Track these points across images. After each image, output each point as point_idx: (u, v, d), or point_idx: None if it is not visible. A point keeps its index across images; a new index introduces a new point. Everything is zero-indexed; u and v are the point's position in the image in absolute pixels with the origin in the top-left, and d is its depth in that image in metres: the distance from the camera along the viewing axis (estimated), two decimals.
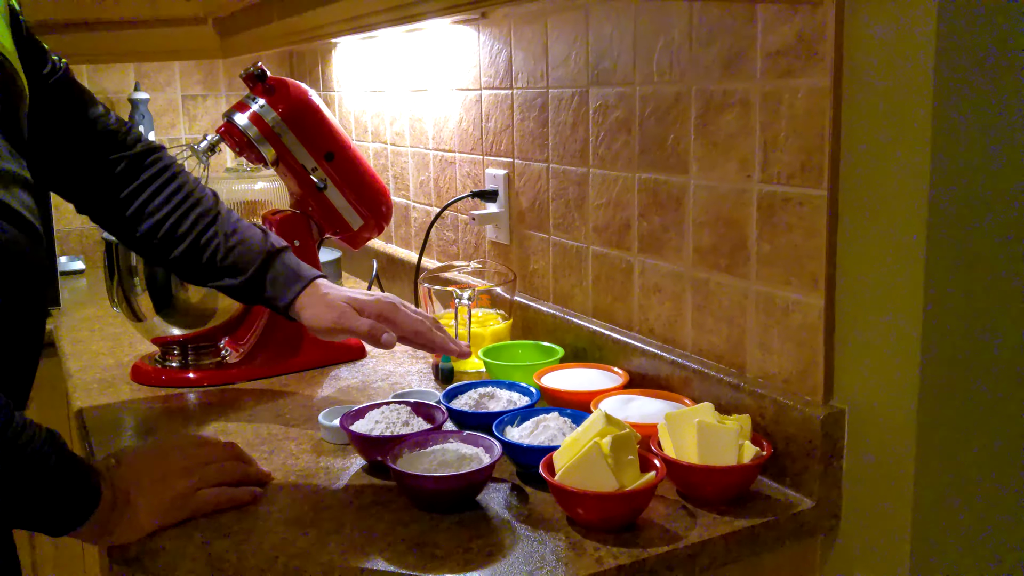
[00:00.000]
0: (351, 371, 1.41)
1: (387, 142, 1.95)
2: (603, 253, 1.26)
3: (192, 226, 1.08)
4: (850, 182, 0.89)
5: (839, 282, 0.92)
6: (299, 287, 1.08)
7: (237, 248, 1.08)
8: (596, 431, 0.89)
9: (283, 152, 1.39)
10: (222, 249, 1.08)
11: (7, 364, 0.83)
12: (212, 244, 1.08)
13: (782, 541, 0.92)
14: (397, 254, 1.92)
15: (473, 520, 0.90)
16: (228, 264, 1.08)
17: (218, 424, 1.19)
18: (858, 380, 0.92)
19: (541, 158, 1.37)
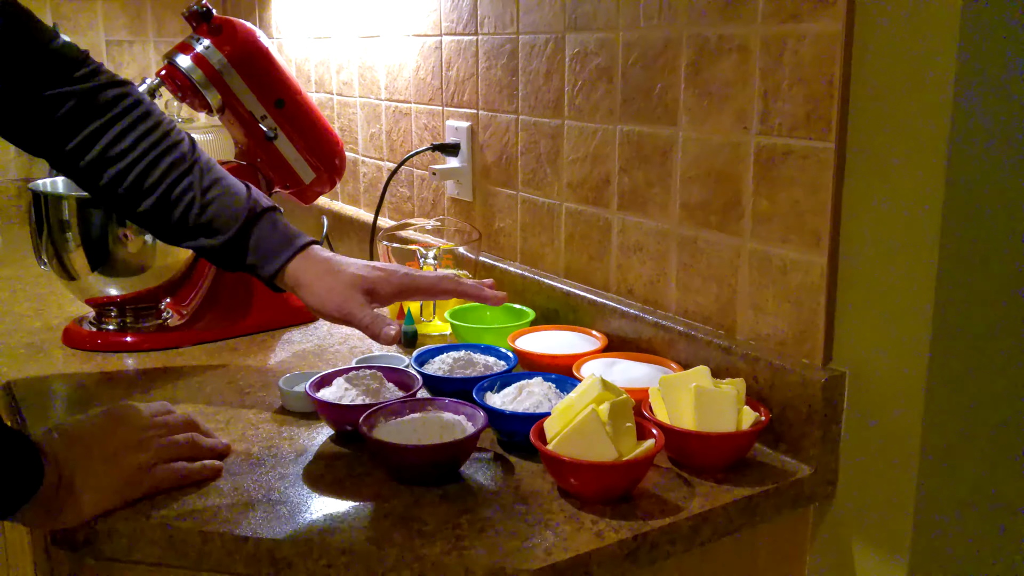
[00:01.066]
0: (304, 334, 1.32)
1: (332, 92, 1.84)
2: (578, 210, 1.20)
3: (162, 176, 0.94)
4: (859, 134, 0.85)
5: (843, 240, 0.88)
6: (288, 254, 0.95)
7: (215, 204, 0.95)
8: (592, 397, 0.83)
9: (230, 98, 1.28)
10: (197, 204, 0.95)
11: None
12: (186, 198, 0.95)
13: (780, 510, 0.88)
14: (345, 211, 1.83)
15: (458, 493, 0.84)
16: (204, 222, 0.95)
17: (165, 392, 1.09)
18: (860, 342, 0.88)
19: (509, 109, 1.30)
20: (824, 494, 0.91)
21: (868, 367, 0.88)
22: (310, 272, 0.94)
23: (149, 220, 0.97)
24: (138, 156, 0.94)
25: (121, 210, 0.98)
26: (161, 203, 0.95)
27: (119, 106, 0.96)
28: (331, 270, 0.94)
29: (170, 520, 0.79)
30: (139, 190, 0.95)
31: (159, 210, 0.95)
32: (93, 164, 0.94)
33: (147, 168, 0.94)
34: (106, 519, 0.79)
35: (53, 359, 1.21)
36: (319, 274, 0.94)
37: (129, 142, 0.95)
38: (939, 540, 0.88)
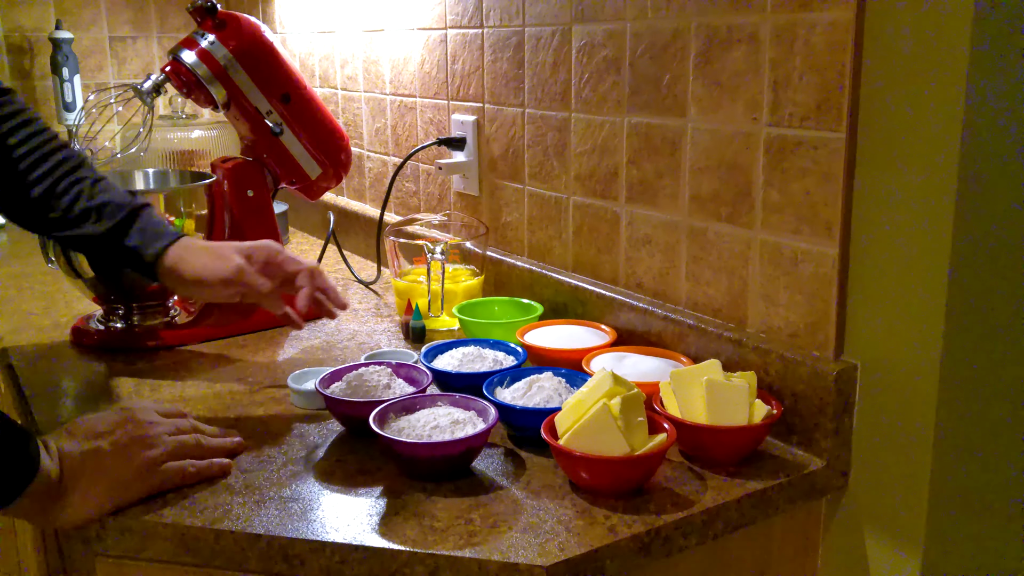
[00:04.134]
0: (312, 331, 1.32)
1: (337, 87, 1.84)
2: (586, 203, 1.19)
3: (52, 169, 0.98)
4: (871, 124, 0.84)
5: (855, 231, 0.87)
6: (169, 238, 1.00)
7: (103, 194, 0.99)
8: (603, 392, 0.82)
9: (235, 93, 1.28)
10: (86, 195, 0.98)
11: None
12: (74, 189, 0.98)
13: (794, 502, 0.87)
14: (350, 207, 1.82)
15: (470, 488, 0.83)
16: (92, 207, 0.98)
17: (175, 390, 1.09)
18: (873, 334, 0.87)
19: (516, 102, 1.29)
20: (837, 486, 0.91)
21: (881, 359, 0.87)
22: (190, 250, 1.00)
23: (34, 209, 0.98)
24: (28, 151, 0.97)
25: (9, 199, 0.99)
26: (49, 193, 0.97)
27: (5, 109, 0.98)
28: (209, 246, 1.02)
29: (182, 518, 0.78)
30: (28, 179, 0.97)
31: (46, 199, 0.98)
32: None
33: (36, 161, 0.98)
34: (117, 517, 0.79)
35: (61, 357, 1.21)
36: (199, 250, 1.01)
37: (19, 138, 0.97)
38: (953, 532, 0.88)
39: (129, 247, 0.99)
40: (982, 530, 0.91)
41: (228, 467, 0.86)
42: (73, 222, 0.98)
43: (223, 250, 1.01)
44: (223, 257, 1.00)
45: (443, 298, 1.25)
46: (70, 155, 1.00)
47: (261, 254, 1.03)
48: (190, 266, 0.99)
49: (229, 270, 1.00)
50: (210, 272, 0.99)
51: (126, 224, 0.99)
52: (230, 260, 1.00)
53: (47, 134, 1.00)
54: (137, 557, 0.79)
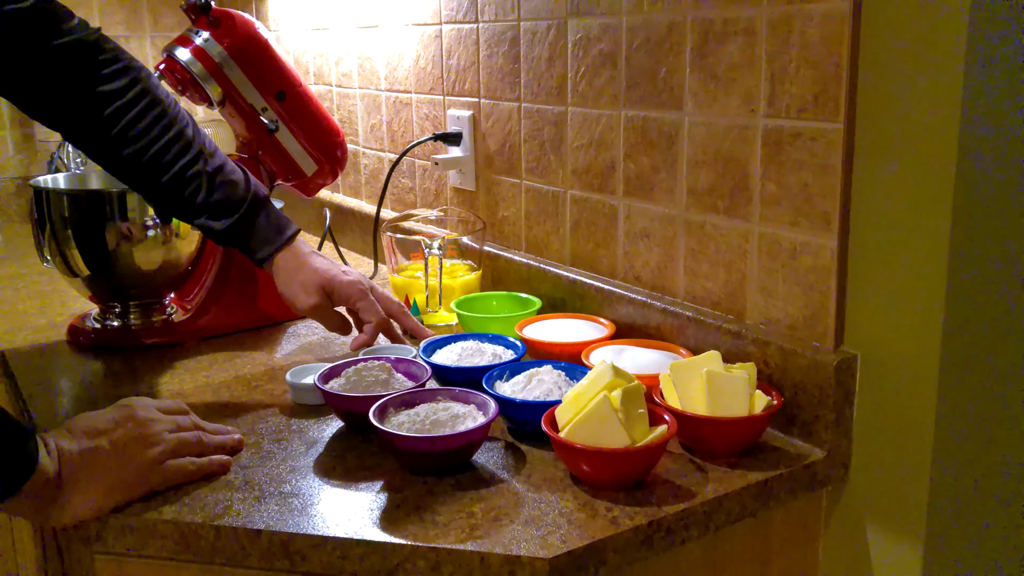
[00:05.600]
0: (309, 327, 1.32)
1: (332, 84, 1.83)
2: (584, 197, 1.19)
3: (174, 160, 1.03)
4: (869, 115, 0.84)
5: (854, 222, 0.87)
6: (278, 244, 1.08)
7: (220, 190, 1.05)
8: (603, 384, 0.82)
9: (230, 90, 1.27)
10: (204, 187, 1.05)
11: None
12: (194, 182, 1.04)
13: (795, 494, 0.87)
14: (346, 203, 1.82)
15: (471, 482, 0.83)
16: (211, 203, 1.05)
17: (172, 387, 1.09)
18: (872, 325, 0.87)
19: (512, 97, 1.29)
20: (837, 477, 0.91)
21: (880, 350, 0.87)
22: (289, 263, 1.08)
23: (160, 198, 1.06)
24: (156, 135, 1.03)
25: (136, 186, 1.07)
26: (173, 184, 1.04)
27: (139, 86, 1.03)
28: (305, 265, 1.08)
29: (182, 515, 0.78)
30: (153, 170, 1.03)
31: (171, 190, 1.04)
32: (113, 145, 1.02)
33: (160, 151, 1.03)
34: (116, 514, 0.78)
35: (58, 357, 1.21)
36: (295, 268, 1.08)
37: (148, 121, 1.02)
38: (954, 523, 0.88)
39: (243, 246, 1.08)
40: (984, 521, 0.91)
41: (228, 464, 0.86)
42: (192, 214, 1.06)
43: (309, 281, 1.07)
44: (305, 289, 1.07)
45: (441, 293, 1.25)
46: (189, 143, 1.04)
47: (342, 297, 1.09)
48: (280, 282, 1.09)
49: (303, 307, 1.08)
50: (290, 298, 1.09)
51: (241, 224, 1.06)
52: (309, 297, 1.07)
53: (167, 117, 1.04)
54: (138, 555, 0.79)
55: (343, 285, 1.08)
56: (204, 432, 0.88)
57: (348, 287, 1.08)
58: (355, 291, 1.08)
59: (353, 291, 1.08)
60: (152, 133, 1.02)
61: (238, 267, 1.30)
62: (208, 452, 0.86)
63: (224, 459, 0.86)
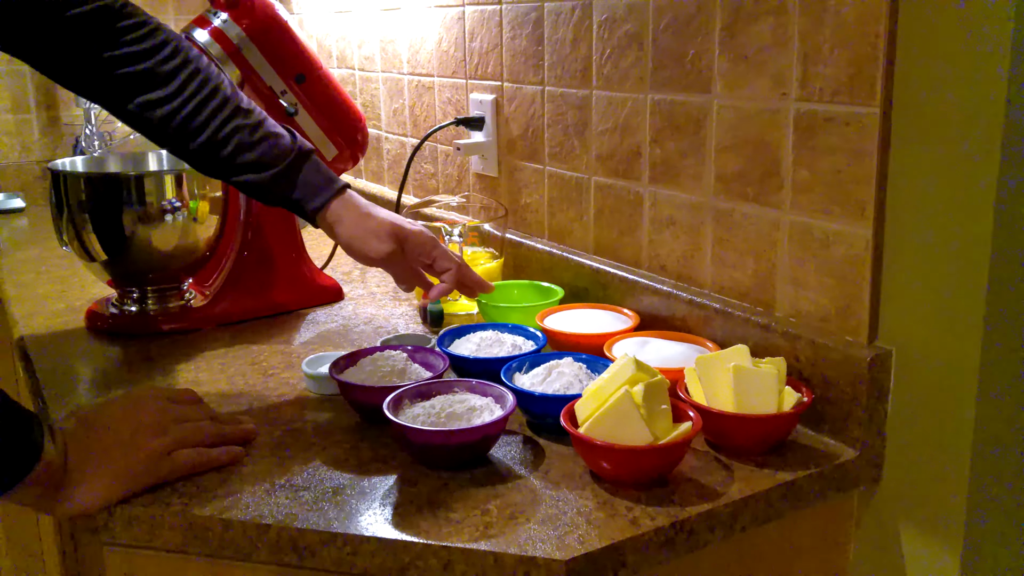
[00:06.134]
0: (328, 314, 1.30)
1: (354, 67, 1.81)
2: (608, 184, 1.16)
3: (209, 118, 0.98)
4: (907, 98, 0.80)
5: (890, 210, 0.83)
6: (331, 191, 1.01)
7: (263, 144, 0.99)
8: (625, 378, 0.79)
9: (249, 73, 1.25)
10: (246, 143, 0.99)
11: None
12: (234, 139, 0.99)
13: (824, 495, 0.84)
14: (368, 189, 1.80)
15: (487, 477, 0.81)
16: (252, 160, 0.99)
17: (188, 375, 1.07)
18: (908, 319, 0.84)
19: (535, 80, 1.25)
20: (870, 477, 0.87)
21: (917, 345, 0.83)
22: (351, 211, 1.00)
23: (198, 158, 1.01)
24: (185, 100, 0.98)
25: (173, 148, 1.02)
26: (210, 143, 0.99)
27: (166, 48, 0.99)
28: (370, 213, 1.01)
29: (190, 507, 0.76)
30: (187, 131, 0.98)
31: (208, 149, 0.99)
32: (142, 108, 0.98)
33: (194, 111, 0.98)
34: (123, 506, 0.77)
35: (75, 342, 1.20)
36: (360, 216, 1.00)
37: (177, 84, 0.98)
38: (992, 527, 0.84)
39: (291, 199, 1.01)
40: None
41: (239, 455, 0.84)
42: (235, 171, 1.00)
43: (380, 227, 1.00)
44: (377, 236, 1.00)
45: None
46: (226, 99, 1.00)
47: (416, 246, 1.02)
48: (345, 231, 1.00)
49: (379, 253, 1.00)
50: (360, 246, 1.01)
51: (287, 175, 1.00)
52: (383, 244, 1.00)
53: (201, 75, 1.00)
54: (146, 546, 0.77)
55: (415, 233, 1.02)
56: (215, 422, 0.86)
57: (421, 235, 1.02)
58: (428, 239, 1.03)
59: (426, 239, 1.03)
60: (186, 92, 0.98)
61: (257, 252, 1.29)
62: (219, 442, 0.84)
63: (235, 450, 0.84)
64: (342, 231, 1.00)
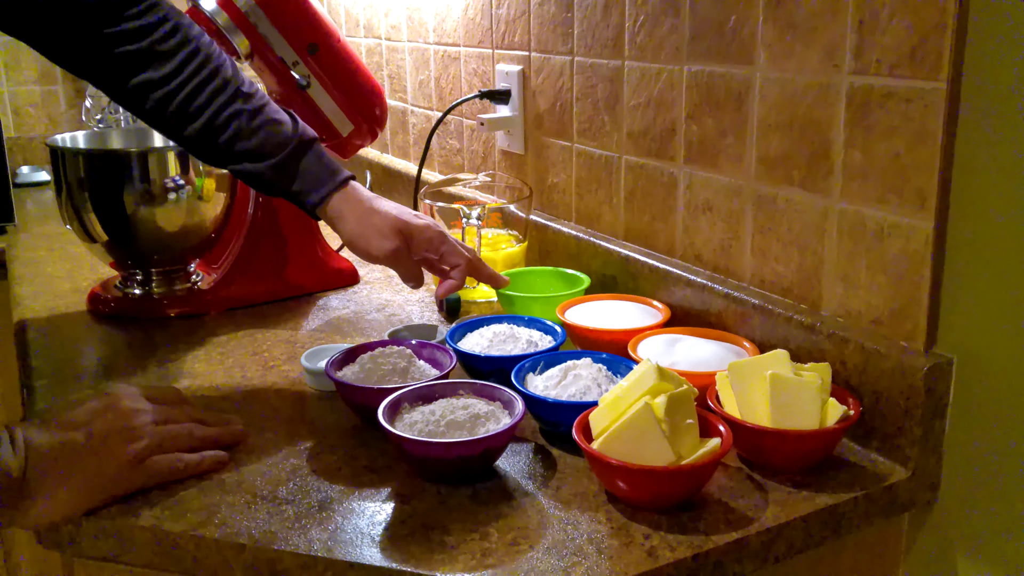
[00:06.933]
0: (342, 299, 1.23)
1: (381, 37, 1.72)
2: (639, 164, 1.06)
3: (208, 102, 0.92)
4: (978, 72, 0.69)
5: (954, 201, 0.73)
6: (333, 184, 0.94)
7: (262, 131, 0.93)
8: (646, 388, 0.70)
9: (258, 43, 1.17)
10: (245, 131, 0.92)
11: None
12: (232, 124, 0.92)
13: (871, 519, 0.74)
14: (393, 165, 1.72)
15: (490, 494, 0.72)
16: (250, 148, 0.93)
17: (185, 365, 1.00)
18: (972, 324, 0.73)
19: (564, 50, 1.16)
20: (923, 501, 0.78)
21: (980, 353, 0.73)
22: (354, 206, 0.94)
23: (195, 144, 0.95)
24: (183, 81, 0.92)
25: (169, 132, 0.95)
26: (207, 128, 0.92)
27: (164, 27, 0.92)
28: (374, 208, 0.95)
29: (163, 520, 0.69)
30: (184, 114, 0.92)
31: (205, 135, 0.93)
32: (139, 89, 0.92)
33: (192, 93, 0.92)
34: (91, 517, 0.70)
35: (76, 326, 1.14)
36: (364, 211, 0.94)
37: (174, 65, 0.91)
38: None
39: (290, 191, 0.95)
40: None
41: (222, 461, 0.77)
42: (233, 159, 0.94)
43: (383, 223, 0.94)
44: (380, 233, 0.94)
45: None
46: (226, 81, 0.93)
47: (422, 242, 0.96)
48: (347, 228, 0.94)
49: (382, 251, 0.94)
50: (363, 243, 0.95)
51: (286, 166, 0.94)
52: (386, 241, 0.94)
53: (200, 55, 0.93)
54: (116, 560, 0.71)
55: (421, 229, 0.96)
56: (199, 424, 0.79)
57: (427, 230, 0.96)
58: (435, 234, 0.97)
59: (433, 234, 0.97)
60: (184, 72, 0.91)
61: (268, 233, 1.22)
62: (201, 447, 0.77)
63: (218, 455, 0.77)
64: (344, 228, 0.94)
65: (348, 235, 0.95)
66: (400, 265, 0.97)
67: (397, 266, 0.97)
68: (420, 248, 0.97)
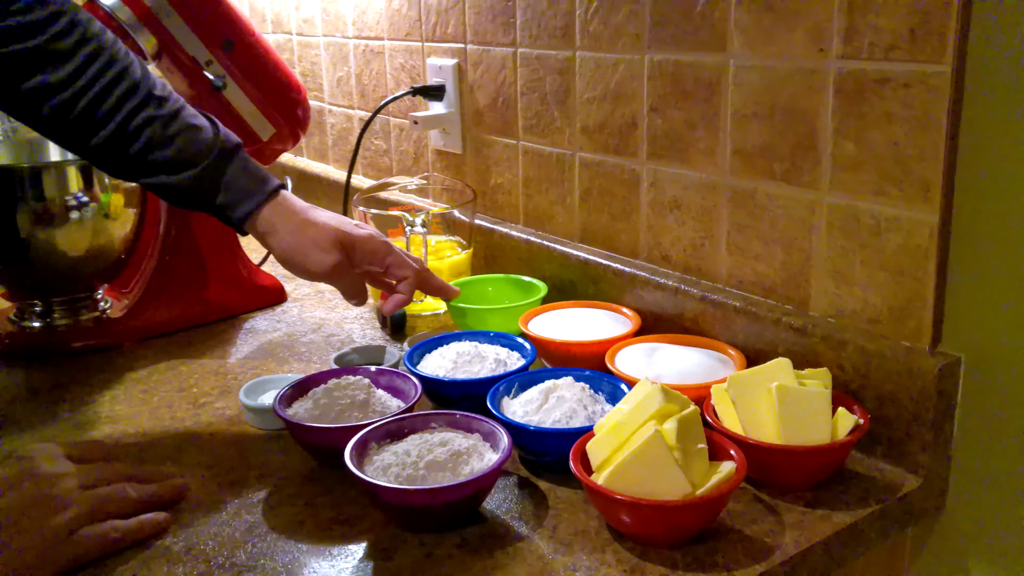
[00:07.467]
0: (271, 320, 1.12)
1: (292, 32, 1.60)
2: (596, 161, 0.99)
3: (116, 106, 0.80)
4: (985, 53, 0.65)
5: (960, 192, 0.68)
6: (261, 196, 0.84)
7: (180, 138, 0.82)
8: (651, 411, 0.63)
9: (167, 41, 1.05)
10: (158, 139, 0.81)
11: None
12: (145, 132, 0.81)
13: (886, 533, 0.69)
14: (311, 169, 1.60)
15: (481, 541, 0.64)
16: (167, 158, 0.81)
17: (103, 407, 0.88)
18: (979, 320, 0.69)
19: (505, 41, 1.08)
20: (933, 508, 0.73)
21: (989, 351, 0.69)
22: (288, 218, 0.84)
23: (102, 156, 0.83)
24: (85, 84, 0.79)
25: (68, 142, 0.83)
26: (116, 137, 0.81)
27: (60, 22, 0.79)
28: (309, 219, 0.85)
29: None
30: (89, 122, 0.80)
31: (114, 145, 0.81)
32: (32, 94, 0.79)
33: (97, 98, 0.80)
34: None
35: None
36: (299, 223, 0.85)
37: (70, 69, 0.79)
38: None
39: (214, 204, 0.84)
40: None
41: (165, 524, 0.67)
42: (147, 171, 0.83)
43: (322, 235, 0.84)
44: (319, 247, 0.84)
45: None
46: (133, 85, 0.81)
47: (366, 254, 0.87)
48: (281, 243, 0.84)
49: (322, 267, 0.84)
50: (300, 259, 0.84)
51: (208, 176, 0.82)
52: (326, 255, 0.84)
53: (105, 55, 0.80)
54: None
55: (364, 240, 0.87)
56: (133, 482, 0.68)
57: (371, 241, 0.87)
58: (380, 245, 0.88)
59: (378, 245, 0.88)
60: (87, 75, 0.79)
61: (183, 251, 1.10)
62: (139, 509, 0.66)
63: (159, 517, 0.67)
64: (277, 242, 0.84)
65: (283, 250, 0.85)
66: (342, 281, 0.87)
67: (339, 282, 0.88)
68: (363, 261, 0.88)
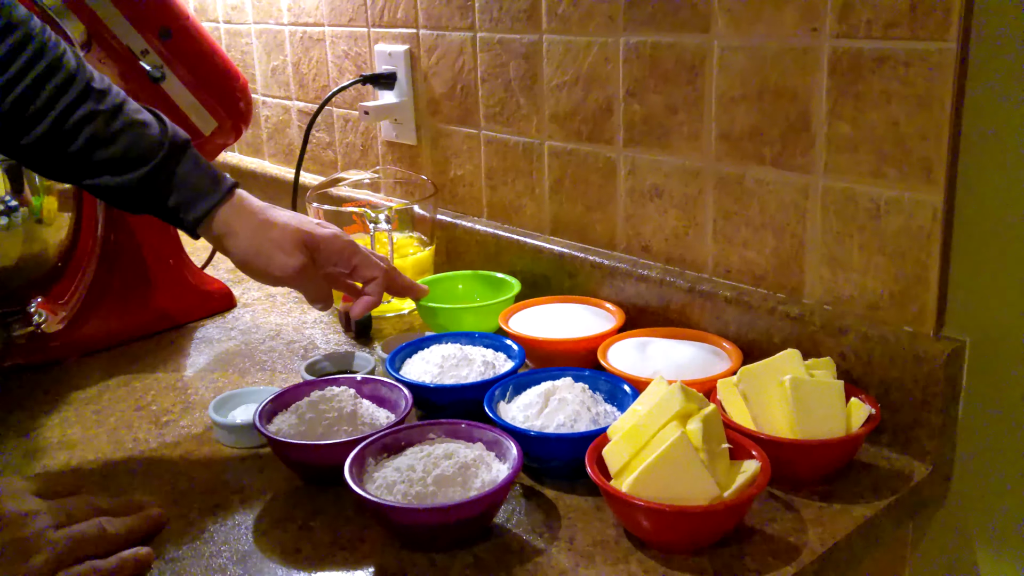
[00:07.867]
0: (223, 328, 1.05)
1: (218, 19, 1.52)
2: (568, 149, 0.95)
3: (50, 102, 0.72)
4: (990, 29, 0.63)
5: (962, 172, 0.67)
6: (216, 196, 0.77)
7: (124, 135, 0.75)
8: (672, 412, 0.60)
9: (98, 29, 0.97)
10: (100, 135, 0.74)
11: None
12: (85, 129, 0.73)
13: (899, 522, 0.68)
14: (245, 164, 1.52)
15: (496, 558, 0.60)
16: (110, 157, 0.74)
17: (53, 432, 0.81)
18: (983, 303, 0.68)
19: (463, 25, 1.03)
20: (939, 495, 0.72)
21: (994, 335, 0.68)
22: (246, 219, 0.79)
23: (35, 156, 0.75)
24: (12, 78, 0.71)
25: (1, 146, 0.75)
26: (52, 135, 0.73)
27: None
28: (269, 220, 0.80)
29: None
30: (18, 120, 0.72)
31: (50, 144, 0.74)
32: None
33: (27, 93, 0.71)
34: None
35: None
36: (258, 224, 0.79)
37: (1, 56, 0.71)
38: None
39: (165, 207, 0.77)
40: None
41: (147, 559, 0.61)
42: (88, 171, 0.75)
43: (284, 236, 0.79)
44: (282, 248, 0.78)
45: None
46: (71, 77, 0.74)
47: (331, 255, 0.82)
48: (240, 244, 0.78)
49: (285, 270, 0.79)
50: (262, 262, 0.78)
51: (157, 176, 0.76)
52: (290, 258, 0.78)
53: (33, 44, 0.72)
54: None
55: (328, 240, 0.81)
56: (108, 516, 0.62)
57: (336, 241, 0.82)
58: (345, 244, 0.83)
59: (343, 245, 0.83)
60: (13, 68, 0.71)
61: (124, 256, 1.02)
62: (118, 546, 0.60)
63: (141, 552, 0.61)
64: (235, 245, 0.78)
65: (242, 254, 0.79)
66: (307, 284, 0.82)
67: (303, 285, 0.82)
68: (328, 262, 0.82)
